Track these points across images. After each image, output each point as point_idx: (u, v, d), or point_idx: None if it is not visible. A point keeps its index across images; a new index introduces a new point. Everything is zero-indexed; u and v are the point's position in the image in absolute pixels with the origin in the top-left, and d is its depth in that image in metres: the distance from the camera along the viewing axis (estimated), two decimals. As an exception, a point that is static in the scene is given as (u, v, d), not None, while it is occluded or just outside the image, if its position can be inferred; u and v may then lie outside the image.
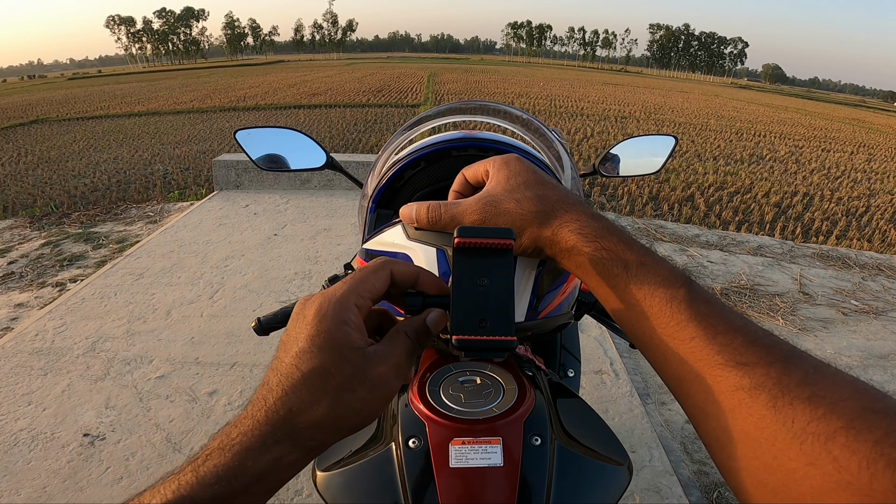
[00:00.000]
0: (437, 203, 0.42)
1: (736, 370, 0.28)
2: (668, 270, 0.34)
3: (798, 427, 0.25)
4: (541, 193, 0.39)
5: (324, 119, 10.61)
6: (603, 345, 2.35)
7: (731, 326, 0.30)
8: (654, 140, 1.06)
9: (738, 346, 0.29)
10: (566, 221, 0.37)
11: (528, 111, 9.59)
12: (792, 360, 0.28)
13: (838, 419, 0.24)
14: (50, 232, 3.98)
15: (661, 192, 5.91)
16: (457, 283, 0.37)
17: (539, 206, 0.38)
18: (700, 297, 0.32)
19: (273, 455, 0.31)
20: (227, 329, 2.38)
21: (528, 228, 0.38)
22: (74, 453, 1.66)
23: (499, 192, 0.40)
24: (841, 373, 0.27)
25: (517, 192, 0.39)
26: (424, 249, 0.48)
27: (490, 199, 0.39)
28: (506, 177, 0.40)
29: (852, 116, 23.10)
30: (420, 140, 0.74)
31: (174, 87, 21.60)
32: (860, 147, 11.34)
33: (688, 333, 0.31)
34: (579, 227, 0.36)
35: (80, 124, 10.78)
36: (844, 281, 3.48)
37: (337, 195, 4.46)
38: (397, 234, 0.50)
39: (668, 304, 0.32)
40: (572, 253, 0.37)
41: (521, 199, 0.38)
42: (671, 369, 0.32)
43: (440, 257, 0.47)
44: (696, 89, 33.17)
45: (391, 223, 0.53)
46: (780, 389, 0.26)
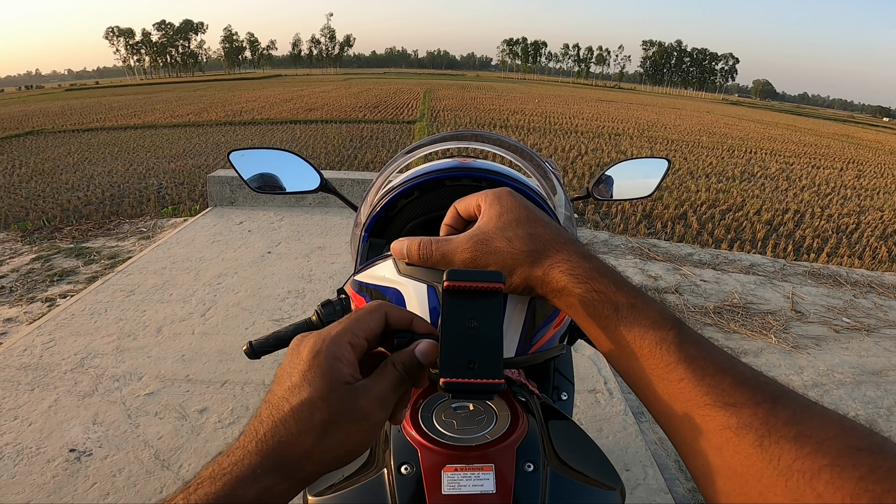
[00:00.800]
0: (428, 239, 0.42)
1: (724, 410, 0.29)
2: (658, 313, 0.34)
3: (784, 465, 0.25)
4: (532, 232, 0.39)
5: (320, 135, 10.65)
6: (597, 364, 2.35)
7: (720, 368, 0.31)
8: (647, 163, 1.07)
9: (726, 387, 0.29)
10: (557, 262, 0.37)
11: (523, 129, 9.66)
12: (780, 401, 0.28)
13: (823, 457, 0.24)
14: (41, 246, 3.95)
15: (654, 209, 5.95)
16: (446, 325, 0.37)
17: (530, 246, 0.38)
18: (689, 340, 0.32)
19: (263, 485, 0.31)
20: (218, 347, 2.36)
21: (519, 268, 0.38)
22: (60, 468, 1.64)
23: (490, 230, 0.40)
24: (828, 411, 0.27)
25: (508, 229, 0.39)
26: (415, 286, 0.48)
27: (481, 238, 0.40)
28: (497, 213, 0.40)
29: (842, 132, 23.50)
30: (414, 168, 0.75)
31: (171, 99, 21.68)
32: (849, 163, 11.51)
33: (677, 375, 0.31)
34: (570, 268, 0.37)
35: (75, 136, 10.78)
36: (836, 298, 3.51)
37: (331, 213, 4.46)
38: (388, 268, 0.50)
39: (658, 346, 0.32)
40: (563, 293, 0.37)
41: (513, 238, 0.39)
42: (660, 407, 0.33)
43: (430, 294, 0.47)
44: (689, 106, 33.68)
45: (383, 256, 0.53)
46: (767, 429, 0.27)
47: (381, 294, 0.52)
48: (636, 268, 3.89)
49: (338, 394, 0.32)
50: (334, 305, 0.74)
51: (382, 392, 0.34)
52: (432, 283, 0.46)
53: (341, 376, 0.33)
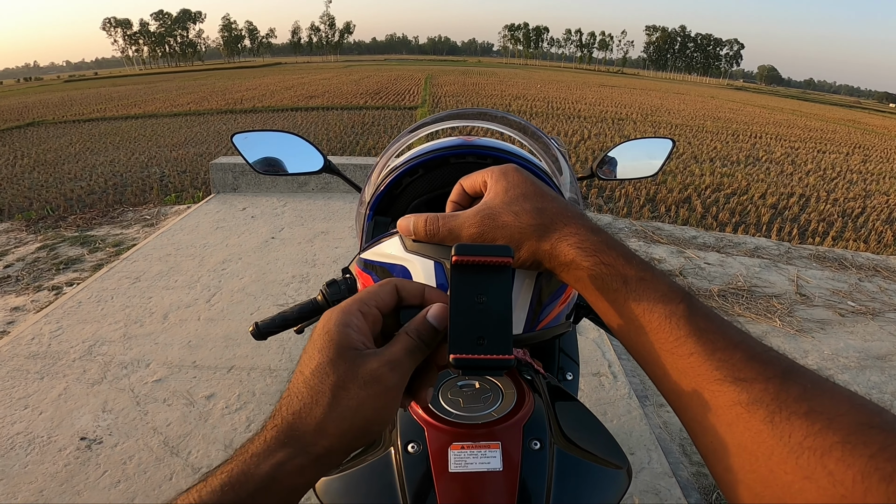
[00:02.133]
0: (434, 215, 0.42)
1: (734, 386, 0.28)
2: (667, 286, 0.34)
3: (795, 442, 0.25)
4: (539, 206, 0.39)
5: (321, 121, 10.61)
6: (601, 347, 2.36)
7: (730, 342, 0.30)
8: (651, 143, 1.05)
9: (736, 361, 0.29)
10: (565, 235, 0.37)
11: (526, 114, 9.64)
12: (790, 376, 0.28)
13: (834, 434, 0.24)
14: (46, 235, 3.96)
15: (658, 193, 5.92)
16: (455, 301, 0.36)
17: (538, 220, 0.38)
18: (699, 313, 0.32)
19: (276, 459, 0.31)
20: (224, 332, 2.37)
21: (526, 242, 0.38)
22: (71, 457, 1.65)
23: (497, 205, 0.39)
24: (839, 387, 0.27)
25: (515, 204, 0.39)
26: (422, 262, 0.47)
27: (488, 212, 0.39)
28: (504, 188, 0.40)
29: (848, 118, 23.24)
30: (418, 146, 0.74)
31: (171, 89, 21.57)
32: (856, 148, 11.40)
33: (686, 349, 0.31)
34: (578, 241, 0.36)
35: (76, 127, 10.76)
36: (841, 282, 3.49)
37: (334, 198, 4.45)
38: (395, 245, 0.50)
39: (668, 319, 0.32)
40: (571, 267, 0.37)
41: (520, 212, 0.38)
42: (669, 383, 0.32)
43: (438, 270, 0.47)
44: (693, 91, 33.31)
45: (389, 233, 0.52)
46: (778, 405, 0.27)
47: (387, 271, 0.52)
48: (640, 251, 3.88)
49: (346, 357, 0.32)
50: (339, 285, 0.74)
51: (394, 356, 0.33)
52: (439, 260, 0.46)
53: (350, 342, 0.33)
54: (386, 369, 0.33)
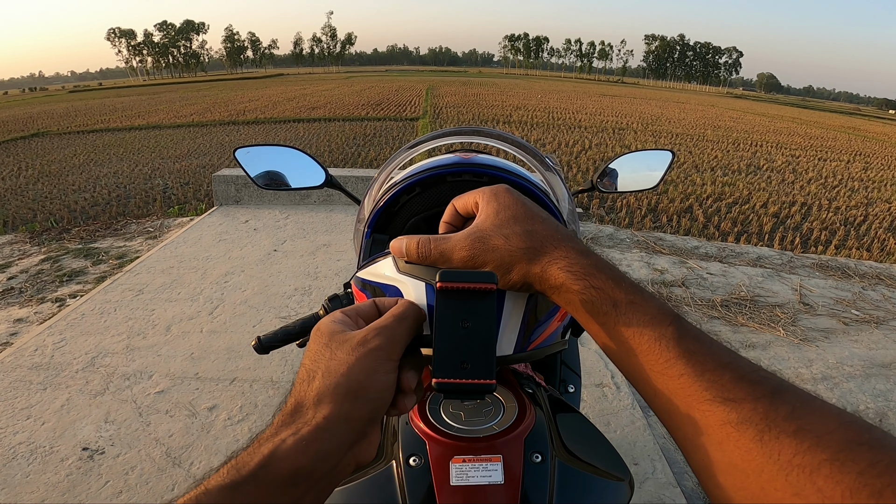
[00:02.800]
0: (426, 238, 0.42)
1: (724, 406, 0.29)
2: (657, 309, 0.34)
3: (784, 460, 0.26)
4: (529, 229, 0.39)
5: (323, 133, 10.66)
6: (603, 358, 2.35)
7: (720, 363, 0.31)
8: (651, 155, 1.06)
9: (725, 382, 0.30)
10: (555, 259, 0.37)
11: (526, 124, 9.66)
12: (779, 395, 0.28)
13: (823, 451, 0.25)
14: (50, 247, 3.98)
15: (659, 203, 5.93)
16: (439, 325, 0.37)
17: (528, 243, 0.38)
18: (689, 335, 0.33)
19: (280, 437, 0.33)
20: (227, 344, 2.37)
21: (517, 265, 0.38)
22: (73, 467, 1.65)
23: (488, 227, 0.40)
24: (827, 406, 0.28)
25: (506, 227, 0.39)
26: (414, 283, 0.48)
27: (479, 235, 0.40)
28: (495, 210, 0.40)
29: (848, 125, 23.30)
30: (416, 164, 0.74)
31: (174, 100, 21.74)
32: (856, 155, 11.42)
33: (676, 371, 0.31)
34: (568, 265, 0.36)
35: (80, 138, 10.84)
36: (844, 291, 3.48)
37: (336, 210, 4.47)
38: (388, 265, 0.50)
39: (657, 342, 0.32)
40: (561, 290, 0.37)
41: (510, 235, 0.39)
42: (661, 403, 0.33)
43: (429, 291, 0.46)
44: (693, 100, 33.45)
45: (383, 253, 0.53)
46: (767, 424, 0.27)
47: (381, 292, 0.52)
48: (642, 261, 3.87)
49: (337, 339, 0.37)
50: (341, 300, 0.75)
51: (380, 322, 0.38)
52: (431, 282, 0.46)
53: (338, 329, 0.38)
54: (372, 334, 0.36)
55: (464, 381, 0.36)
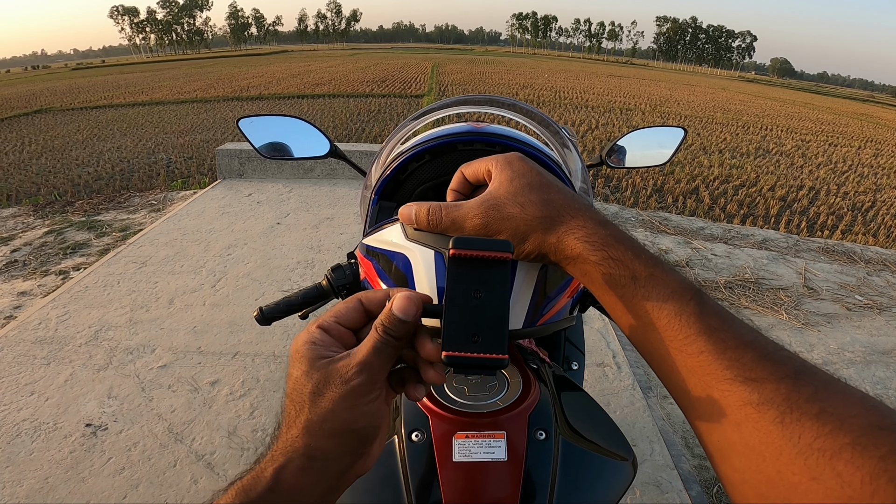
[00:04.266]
0: (437, 204, 0.41)
1: (745, 385, 0.28)
2: (678, 282, 0.33)
3: (804, 443, 0.25)
4: (546, 197, 0.37)
5: (327, 109, 10.58)
6: (605, 337, 2.35)
7: (742, 341, 0.30)
8: (662, 131, 1.04)
9: (747, 361, 0.29)
10: (572, 228, 0.36)
11: (533, 103, 9.56)
12: (802, 376, 0.27)
13: (845, 435, 0.24)
14: (53, 220, 3.98)
15: (665, 184, 5.88)
16: (451, 295, 0.35)
17: (544, 212, 0.37)
18: (710, 311, 0.31)
19: (279, 463, 0.34)
20: (229, 318, 2.38)
21: (532, 234, 0.37)
22: (77, 444, 1.65)
23: (502, 195, 0.38)
24: (850, 388, 0.27)
25: (521, 195, 0.38)
26: (422, 251, 0.46)
27: (493, 203, 0.38)
28: (509, 178, 0.39)
29: (861, 111, 22.87)
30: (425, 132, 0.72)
31: (178, 76, 21.55)
32: (868, 142, 11.23)
33: (696, 347, 0.30)
34: (586, 235, 0.35)
35: (83, 114, 10.78)
36: (849, 276, 3.46)
37: (340, 184, 4.45)
38: (396, 232, 0.49)
39: (678, 317, 0.31)
40: (578, 261, 0.36)
41: (526, 204, 0.37)
42: (677, 381, 0.32)
43: (438, 260, 0.46)
44: (703, 82, 32.90)
45: (391, 220, 0.51)
46: (789, 405, 0.26)
47: (388, 259, 0.51)
48: (646, 241, 3.85)
49: (317, 366, 0.34)
50: (344, 270, 0.74)
51: (364, 357, 0.34)
52: (440, 250, 0.45)
53: (317, 354, 0.34)
54: (354, 370, 0.34)
55: (475, 356, 0.34)
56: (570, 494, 0.61)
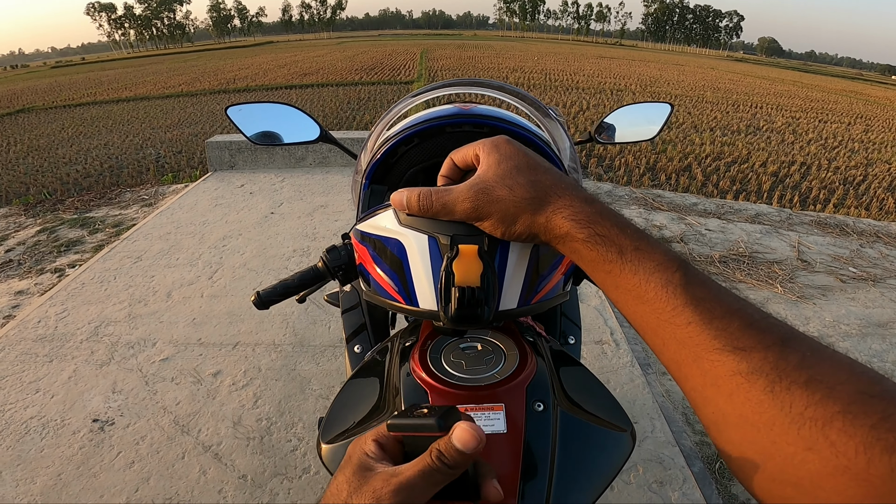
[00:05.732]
0: (427, 190, 0.41)
1: (733, 355, 0.28)
2: (663, 254, 0.33)
3: (796, 412, 0.25)
4: (533, 179, 0.38)
5: (316, 98, 10.47)
6: (603, 314, 2.37)
7: (728, 310, 0.30)
8: (649, 107, 1.06)
9: (734, 330, 0.29)
10: (559, 207, 0.36)
11: (523, 86, 9.47)
12: (789, 343, 0.28)
13: (835, 403, 0.24)
14: (45, 219, 3.94)
15: (658, 162, 5.89)
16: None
17: (532, 193, 0.37)
18: (696, 281, 0.32)
19: None
20: (228, 309, 2.38)
21: (521, 215, 0.38)
22: (86, 439, 1.65)
23: (490, 178, 0.39)
24: (838, 355, 0.27)
25: (509, 177, 0.38)
26: (416, 236, 0.47)
27: (482, 186, 0.39)
28: (496, 161, 0.39)
29: (850, 89, 22.88)
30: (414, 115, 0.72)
31: (161, 71, 21.21)
32: (857, 118, 11.26)
33: (684, 318, 0.31)
34: (572, 213, 0.36)
35: (67, 112, 10.60)
36: (842, 248, 3.49)
37: (333, 172, 4.43)
38: (389, 218, 0.49)
39: (664, 288, 0.32)
40: (566, 239, 0.36)
41: (514, 186, 0.38)
42: (669, 353, 0.32)
43: (432, 244, 0.46)
44: (692, 62, 32.78)
45: (383, 206, 0.52)
46: (778, 374, 0.27)
47: (383, 245, 0.51)
48: (640, 217, 3.88)
49: (359, 475, 0.35)
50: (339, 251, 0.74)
51: (407, 479, 0.34)
52: (433, 234, 0.46)
53: (365, 464, 0.35)
54: (391, 489, 0.33)
55: None
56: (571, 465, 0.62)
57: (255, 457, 1.59)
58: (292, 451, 1.61)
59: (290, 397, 1.83)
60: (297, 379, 1.92)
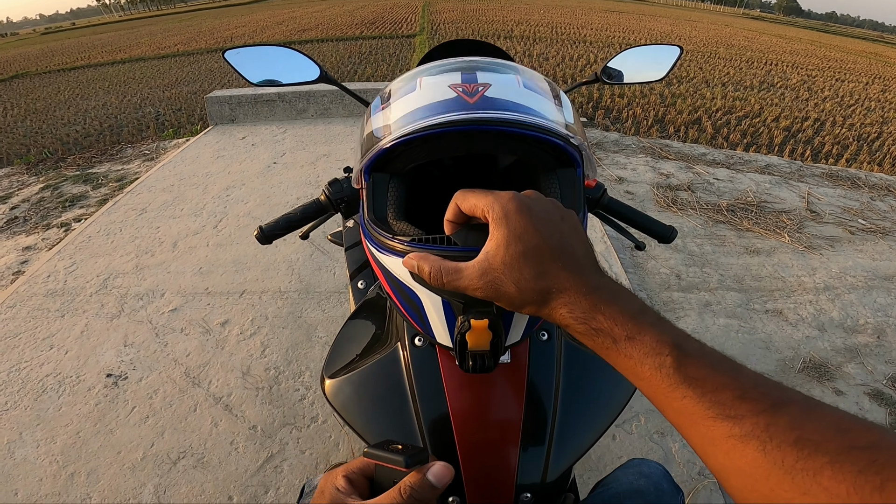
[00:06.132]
0: (438, 268, 0.43)
1: (727, 422, 0.31)
2: (654, 340, 0.36)
3: (788, 465, 0.28)
4: (540, 270, 0.39)
5: (317, 53, 10.24)
6: (608, 259, 2.36)
7: (719, 384, 0.33)
8: (658, 49, 1.02)
9: (726, 400, 0.32)
10: (560, 304, 0.39)
11: (529, 39, 9.15)
12: (780, 408, 0.30)
13: (822, 456, 0.27)
14: (48, 176, 3.93)
15: (666, 114, 5.77)
16: None
17: (537, 288, 0.39)
18: (688, 361, 0.34)
19: None
20: (233, 257, 2.38)
21: (527, 305, 0.40)
22: (101, 395, 1.66)
23: (498, 266, 0.40)
24: (828, 413, 0.30)
25: (516, 269, 0.40)
26: (431, 297, 0.49)
27: (491, 278, 0.40)
28: (505, 240, 0.40)
29: (870, 50, 21.94)
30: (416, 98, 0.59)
31: (155, 32, 20.69)
32: (876, 78, 10.87)
33: (679, 393, 0.34)
34: (570, 311, 0.39)
35: (61, 75, 10.38)
36: (853, 200, 3.44)
37: (335, 122, 4.37)
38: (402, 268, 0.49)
39: (657, 371, 0.35)
40: (567, 328, 0.40)
41: (520, 280, 0.40)
42: (671, 418, 0.36)
43: (446, 305, 0.49)
44: (705, 18, 31.57)
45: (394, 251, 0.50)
46: (769, 435, 0.29)
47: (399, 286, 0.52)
48: (647, 165, 3.82)
49: None
50: (341, 183, 0.72)
51: None
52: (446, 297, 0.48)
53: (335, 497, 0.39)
54: None
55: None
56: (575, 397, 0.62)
57: (264, 407, 1.61)
58: (300, 401, 1.63)
59: (296, 345, 1.85)
60: (304, 326, 1.94)
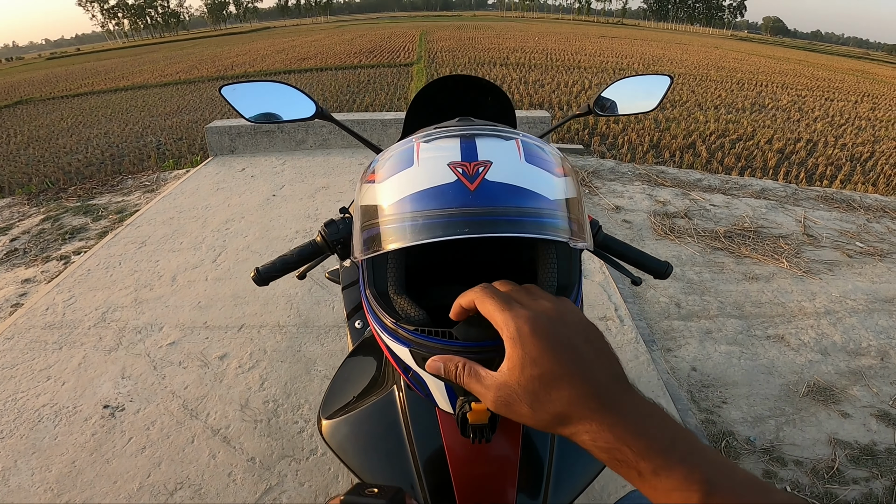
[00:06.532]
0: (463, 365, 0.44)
1: None
2: (683, 476, 0.34)
3: None
4: (557, 396, 0.38)
5: (316, 82, 10.38)
6: (607, 290, 2.36)
7: None
8: (648, 79, 1.05)
9: None
10: (580, 431, 0.38)
11: (524, 66, 9.28)
12: None
13: None
14: (49, 207, 3.94)
15: (661, 140, 5.83)
16: None
17: (555, 411, 0.38)
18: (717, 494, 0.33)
19: None
20: (232, 291, 2.38)
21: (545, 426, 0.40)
22: (97, 426, 1.66)
23: (514, 387, 0.39)
24: None
25: (532, 393, 0.39)
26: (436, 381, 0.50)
27: (507, 400, 0.40)
28: (521, 362, 0.39)
29: (856, 68, 22.42)
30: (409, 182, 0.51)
31: (158, 59, 21.02)
32: (864, 97, 11.06)
33: None
34: (592, 439, 0.37)
35: (65, 102, 10.53)
36: (849, 223, 3.46)
37: (333, 154, 4.41)
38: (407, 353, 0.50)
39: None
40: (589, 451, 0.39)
41: (536, 405, 0.39)
42: None
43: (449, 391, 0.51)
44: (695, 41, 32.24)
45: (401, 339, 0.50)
46: None
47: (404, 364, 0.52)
48: (644, 193, 3.84)
49: None
50: (338, 224, 0.72)
51: None
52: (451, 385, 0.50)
53: None
54: None
55: None
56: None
57: (262, 439, 1.60)
58: (299, 433, 1.62)
59: (295, 378, 1.84)
60: (303, 360, 1.93)
